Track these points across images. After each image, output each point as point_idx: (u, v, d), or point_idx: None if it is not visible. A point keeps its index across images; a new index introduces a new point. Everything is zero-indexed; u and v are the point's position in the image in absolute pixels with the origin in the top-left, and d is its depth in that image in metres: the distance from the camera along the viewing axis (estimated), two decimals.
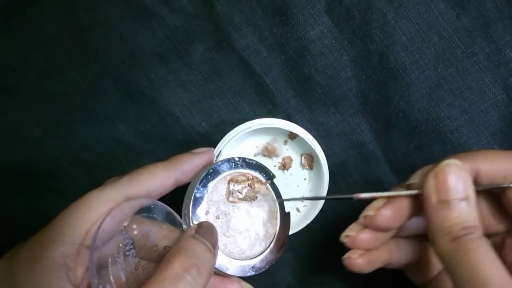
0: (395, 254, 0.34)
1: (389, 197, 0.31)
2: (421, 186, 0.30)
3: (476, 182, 0.30)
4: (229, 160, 0.34)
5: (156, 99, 0.39)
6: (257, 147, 0.39)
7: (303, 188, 0.40)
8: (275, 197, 0.35)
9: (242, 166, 0.34)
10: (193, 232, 0.29)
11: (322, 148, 0.38)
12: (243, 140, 0.39)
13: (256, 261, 0.33)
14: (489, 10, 0.37)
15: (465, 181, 0.28)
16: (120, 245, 0.29)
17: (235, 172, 0.34)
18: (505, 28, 0.37)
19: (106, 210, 0.28)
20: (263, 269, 0.33)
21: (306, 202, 0.40)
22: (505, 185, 0.30)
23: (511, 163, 0.30)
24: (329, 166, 0.38)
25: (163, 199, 0.31)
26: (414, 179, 0.31)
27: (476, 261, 0.26)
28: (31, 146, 0.40)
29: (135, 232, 0.29)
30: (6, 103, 0.40)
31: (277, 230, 0.35)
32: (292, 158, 0.40)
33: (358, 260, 0.32)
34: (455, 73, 0.38)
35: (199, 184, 0.32)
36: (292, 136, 0.39)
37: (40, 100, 0.40)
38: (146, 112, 0.39)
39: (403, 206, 0.31)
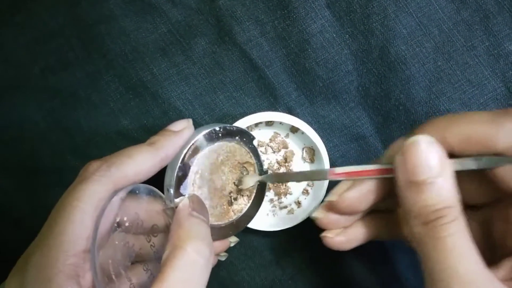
0: (380, 228, 0.32)
1: (358, 178, 0.29)
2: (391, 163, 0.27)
3: (455, 155, 0.26)
4: (210, 132, 0.33)
5: (159, 93, 0.40)
6: (258, 140, 0.40)
7: (304, 182, 0.40)
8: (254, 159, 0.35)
9: (223, 135, 0.33)
10: (190, 209, 0.29)
11: (323, 141, 0.38)
12: None
13: (234, 221, 0.35)
14: (489, 4, 0.38)
15: (437, 158, 0.25)
16: (116, 242, 0.29)
17: (219, 145, 0.33)
18: (505, 21, 0.38)
19: (100, 211, 0.27)
20: (242, 228, 0.36)
21: (308, 195, 0.40)
22: (495, 165, 0.25)
23: (486, 125, 0.25)
24: (330, 159, 0.39)
25: None
26: (384, 160, 0.28)
27: (449, 253, 0.23)
28: (36, 141, 0.40)
29: (127, 224, 0.29)
30: (11, 98, 0.40)
31: (254, 191, 0.36)
32: (294, 151, 0.40)
33: (336, 239, 0.31)
34: (455, 66, 0.38)
35: (181, 161, 0.32)
36: (294, 129, 0.40)
37: (45, 95, 0.40)
38: (149, 106, 0.40)
39: (369, 189, 0.29)
